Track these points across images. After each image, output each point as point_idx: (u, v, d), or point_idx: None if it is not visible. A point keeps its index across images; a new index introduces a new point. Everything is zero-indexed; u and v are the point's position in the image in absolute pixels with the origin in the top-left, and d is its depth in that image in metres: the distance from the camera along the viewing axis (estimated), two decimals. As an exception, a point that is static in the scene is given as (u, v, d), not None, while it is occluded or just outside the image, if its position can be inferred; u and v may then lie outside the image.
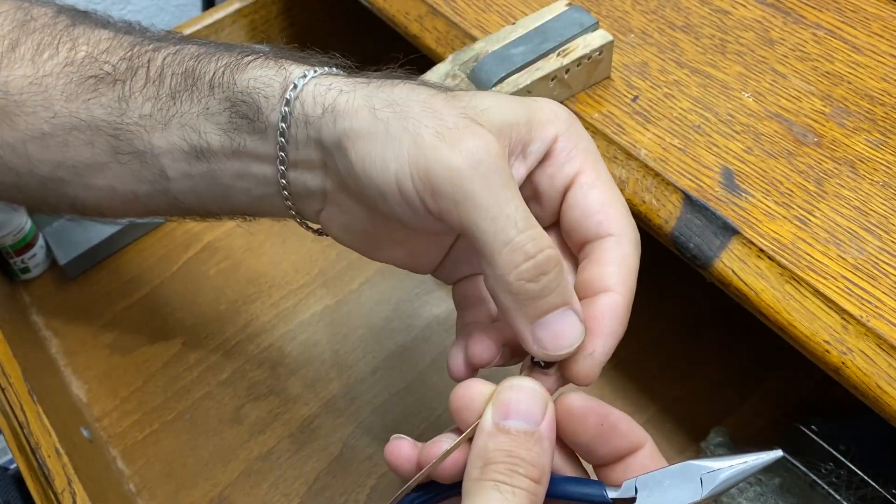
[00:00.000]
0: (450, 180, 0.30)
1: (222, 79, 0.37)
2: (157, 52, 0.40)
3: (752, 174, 0.42)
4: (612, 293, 0.32)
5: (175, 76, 0.39)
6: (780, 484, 0.48)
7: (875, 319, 0.36)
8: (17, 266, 0.65)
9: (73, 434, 0.53)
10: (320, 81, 0.35)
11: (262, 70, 0.37)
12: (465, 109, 0.32)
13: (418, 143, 0.31)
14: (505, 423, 0.30)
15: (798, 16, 0.50)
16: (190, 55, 0.39)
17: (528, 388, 0.31)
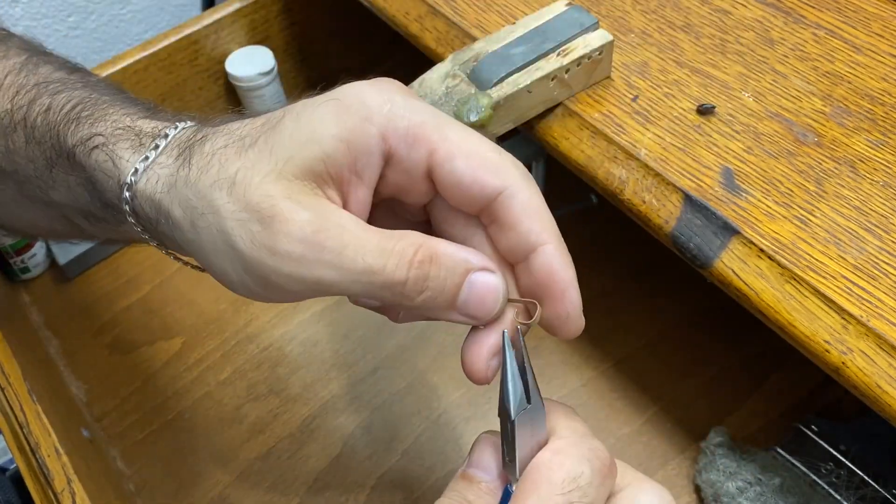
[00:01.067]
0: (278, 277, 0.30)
1: (77, 158, 0.37)
2: (32, 105, 0.40)
3: (752, 174, 0.42)
4: (542, 246, 0.31)
5: (44, 143, 0.39)
6: (780, 484, 0.48)
7: (875, 319, 0.36)
8: (17, 266, 0.65)
9: (73, 434, 0.53)
10: (149, 177, 0.34)
11: (103, 159, 0.36)
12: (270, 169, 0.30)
13: (238, 254, 0.30)
14: (468, 471, 0.31)
15: (798, 15, 0.50)
16: (56, 119, 0.39)
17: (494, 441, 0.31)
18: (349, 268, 0.29)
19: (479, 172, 0.30)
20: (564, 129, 0.46)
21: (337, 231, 0.29)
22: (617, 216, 0.48)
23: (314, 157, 0.30)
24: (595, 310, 0.63)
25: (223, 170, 0.31)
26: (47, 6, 1.00)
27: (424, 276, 0.30)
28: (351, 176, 0.31)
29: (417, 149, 0.31)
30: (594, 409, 0.57)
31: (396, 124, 0.30)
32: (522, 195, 0.30)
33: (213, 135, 0.33)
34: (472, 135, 0.31)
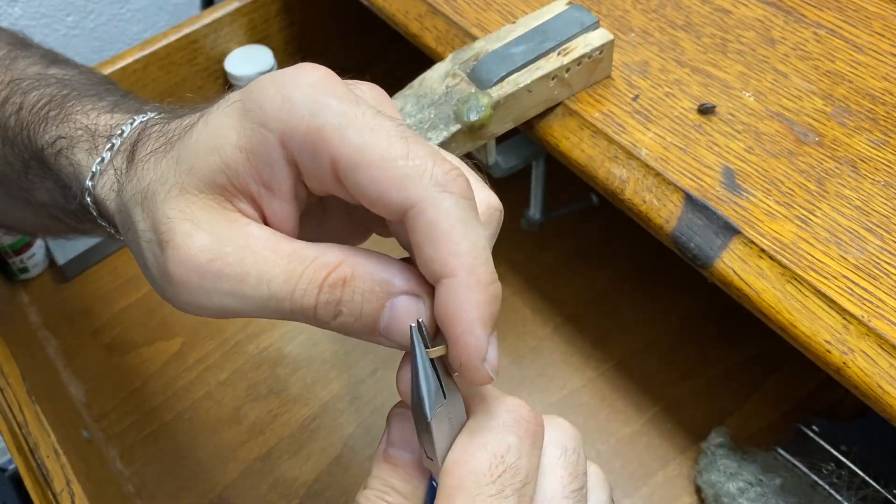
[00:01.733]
0: (179, 304, 0.29)
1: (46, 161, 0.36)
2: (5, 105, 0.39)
3: (753, 174, 0.42)
4: (445, 280, 0.25)
5: (17, 145, 0.38)
6: (781, 484, 0.48)
7: (876, 319, 0.36)
8: (16, 266, 0.65)
9: (72, 434, 0.52)
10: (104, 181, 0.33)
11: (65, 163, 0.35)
12: (174, 182, 0.28)
13: (149, 276, 0.29)
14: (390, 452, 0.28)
15: (799, 15, 0.50)
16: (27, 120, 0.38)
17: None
18: (252, 296, 0.27)
19: (383, 186, 0.25)
20: (565, 129, 0.46)
21: (238, 256, 0.27)
22: (617, 216, 0.48)
23: (215, 168, 0.27)
24: (595, 310, 0.63)
25: (141, 181, 0.29)
26: (46, 6, 1.00)
27: (336, 301, 0.26)
28: (259, 188, 0.27)
29: (319, 157, 0.26)
30: (595, 410, 0.57)
31: (294, 129, 0.26)
32: (428, 213, 0.25)
33: (154, 135, 0.31)
34: (380, 138, 0.25)
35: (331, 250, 0.27)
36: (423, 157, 0.25)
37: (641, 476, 0.53)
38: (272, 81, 0.27)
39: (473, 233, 0.25)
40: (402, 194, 0.25)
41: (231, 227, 0.27)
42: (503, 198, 0.31)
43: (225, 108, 0.28)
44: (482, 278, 0.25)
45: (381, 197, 0.25)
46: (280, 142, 0.26)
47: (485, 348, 0.25)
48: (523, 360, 0.60)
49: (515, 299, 0.63)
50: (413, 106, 0.45)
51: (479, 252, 0.25)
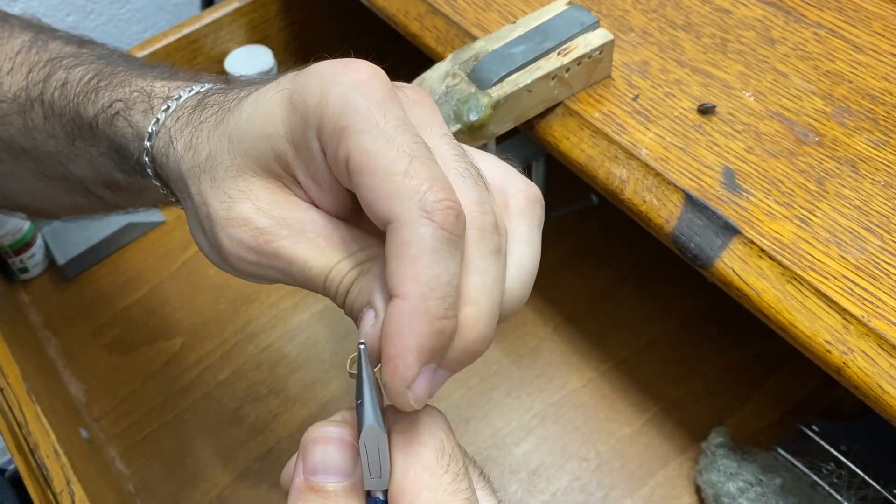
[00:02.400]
0: (236, 272, 0.31)
1: (99, 127, 0.37)
2: (48, 81, 0.40)
3: (753, 174, 0.42)
4: (395, 299, 0.25)
5: (65, 117, 0.39)
6: (781, 484, 0.48)
7: (876, 319, 0.36)
8: (16, 266, 0.65)
9: (72, 434, 0.52)
10: (162, 137, 0.34)
11: (122, 125, 0.36)
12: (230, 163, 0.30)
13: (205, 245, 0.31)
14: (313, 480, 0.27)
15: (799, 15, 0.50)
16: (74, 92, 0.39)
17: (334, 438, 0.27)
18: (296, 276, 0.29)
19: (374, 195, 0.26)
20: (565, 129, 0.46)
21: (293, 240, 0.29)
22: (617, 216, 0.48)
23: (269, 156, 0.29)
24: (595, 310, 0.63)
25: (197, 154, 0.31)
26: (46, 5, 1.00)
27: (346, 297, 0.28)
28: (307, 180, 0.29)
29: (338, 154, 0.27)
30: (595, 410, 0.57)
31: (325, 125, 0.27)
32: (403, 233, 0.25)
33: (210, 104, 0.32)
34: (390, 150, 0.26)
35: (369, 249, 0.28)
36: (420, 179, 0.26)
37: (641, 476, 0.53)
38: (318, 75, 0.28)
39: (440, 266, 0.25)
40: (387, 207, 0.26)
41: (292, 209, 0.29)
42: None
43: (275, 95, 0.29)
44: (432, 311, 0.25)
45: (371, 204, 0.26)
46: (317, 136, 0.28)
47: (411, 377, 0.25)
48: (523, 360, 0.60)
49: (515, 299, 0.63)
50: (413, 106, 0.45)
51: (439, 286, 0.25)
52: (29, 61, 0.41)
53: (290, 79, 0.29)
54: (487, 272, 0.27)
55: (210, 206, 0.30)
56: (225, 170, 0.30)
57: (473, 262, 0.27)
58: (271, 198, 0.29)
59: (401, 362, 0.25)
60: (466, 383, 0.58)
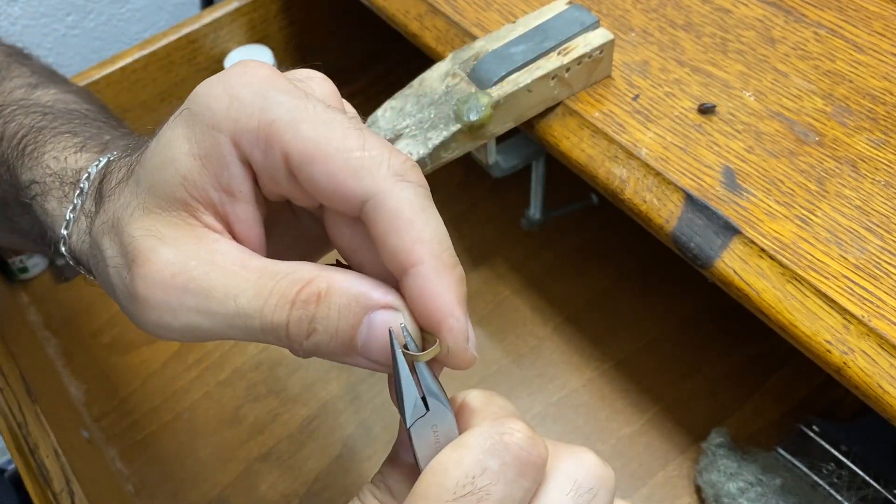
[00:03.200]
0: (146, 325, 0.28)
1: (24, 203, 0.36)
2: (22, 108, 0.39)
3: (753, 173, 0.42)
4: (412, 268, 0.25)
5: (2, 175, 0.38)
6: (781, 484, 0.48)
7: (877, 319, 0.36)
8: (16, 266, 0.65)
9: (72, 434, 0.52)
10: (78, 229, 0.32)
11: (41, 211, 0.34)
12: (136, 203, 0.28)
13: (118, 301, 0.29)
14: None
15: (799, 14, 0.50)
16: (7, 151, 0.37)
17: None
18: (219, 312, 0.26)
19: (339, 178, 0.25)
20: (565, 129, 0.46)
21: (203, 270, 0.26)
22: (617, 216, 0.48)
23: (173, 182, 0.26)
24: (595, 310, 0.63)
25: (106, 213, 0.29)
26: (46, 5, 1.00)
27: (310, 318, 0.25)
28: (220, 194, 0.27)
29: (272, 153, 0.25)
30: (595, 410, 0.57)
31: (245, 126, 0.25)
32: (390, 203, 0.25)
33: (116, 168, 0.31)
34: (334, 130, 0.25)
35: (303, 266, 0.26)
36: (379, 148, 0.25)
37: (641, 476, 0.53)
38: (218, 81, 0.26)
39: (435, 219, 0.25)
40: (359, 185, 0.25)
41: (198, 242, 0.27)
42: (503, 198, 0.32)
43: (174, 120, 0.27)
44: (448, 262, 0.25)
45: (337, 189, 0.25)
46: (232, 141, 0.26)
47: (466, 328, 0.25)
48: (523, 360, 0.60)
49: (515, 299, 0.63)
50: (413, 106, 0.45)
51: (442, 237, 0.25)
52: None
53: (188, 100, 0.27)
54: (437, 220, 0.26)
55: (119, 255, 0.28)
56: (130, 214, 0.28)
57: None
58: (176, 232, 0.27)
59: (453, 320, 0.25)
60: (466, 383, 0.58)
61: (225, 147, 0.26)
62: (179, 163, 0.26)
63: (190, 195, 0.27)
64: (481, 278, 0.64)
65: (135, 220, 0.27)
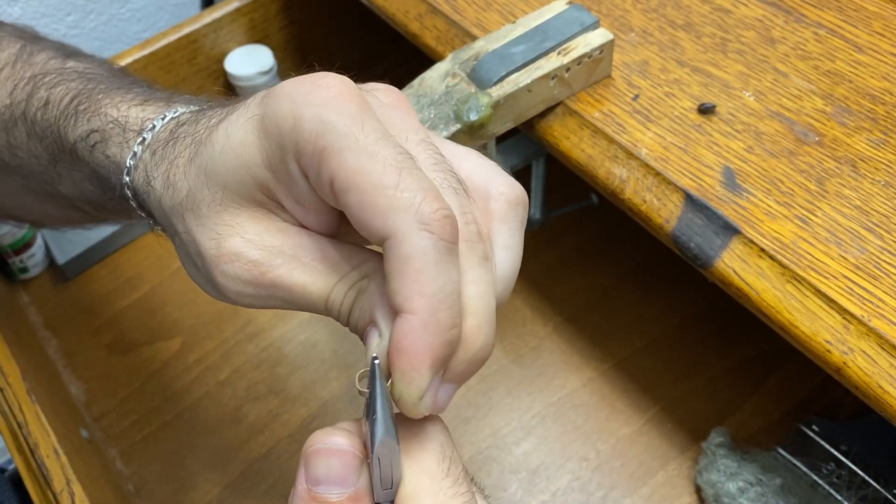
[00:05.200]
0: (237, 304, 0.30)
1: (79, 154, 0.37)
2: (31, 99, 0.39)
3: (753, 173, 0.42)
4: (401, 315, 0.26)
5: (46, 139, 0.38)
6: (781, 484, 0.48)
7: (876, 319, 0.36)
8: (16, 266, 0.65)
9: (72, 434, 0.52)
10: (139, 173, 0.33)
11: (100, 158, 0.36)
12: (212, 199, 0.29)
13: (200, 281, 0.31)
14: (317, 490, 0.27)
15: (799, 14, 0.50)
16: (55, 114, 0.38)
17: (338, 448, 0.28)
18: (296, 301, 0.29)
19: (366, 213, 0.26)
20: (565, 129, 0.46)
21: (289, 268, 0.29)
22: (617, 216, 0.48)
23: (250, 185, 0.28)
24: (595, 310, 0.63)
25: (177, 192, 0.30)
26: (46, 5, 1.00)
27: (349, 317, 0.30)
28: (293, 204, 0.29)
29: (321, 175, 0.27)
30: (595, 410, 0.57)
31: (303, 148, 0.27)
32: (404, 248, 0.25)
33: (182, 136, 0.32)
34: (375, 165, 0.26)
35: (365, 265, 0.29)
36: (413, 190, 0.25)
37: (641, 476, 0.53)
38: (287, 97, 0.27)
39: (445, 276, 0.25)
40: (383, 223, 0.25)
41: (282, 236, 0.29)
42: (503, 197, 0.31)
43: (245, 121, 0.28)
44: (442, 323, 0.25)
45: (365, 222, 0.26)
46: (296, 160, 0.27)
47: (425, 387, 0.26)
48: (523, 360, 0.60)
49: (515, 299, 0.63)
50: (413, 106, 0.45)
51: (446, 297, 0.25)
52: (14, 77, 0.40)
53: (259, 102, 0.28)
54: (481, 281, 0.27)
55: (199, 244, 0.29)
56: (208, 206, 0.29)
57: (466, 272, 0.27)
58: (259, 227, 0.29)
59: (416, 375, 0.26)
60: (466, 383, 0.58)
61: (292, 165, 0.27)
62: (254, 171, 0.28)
63: (268, 199, 0.29)
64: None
65: (214, 215, 0.29)
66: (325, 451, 0.27)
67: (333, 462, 0.27)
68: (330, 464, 0.27)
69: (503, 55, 0.45)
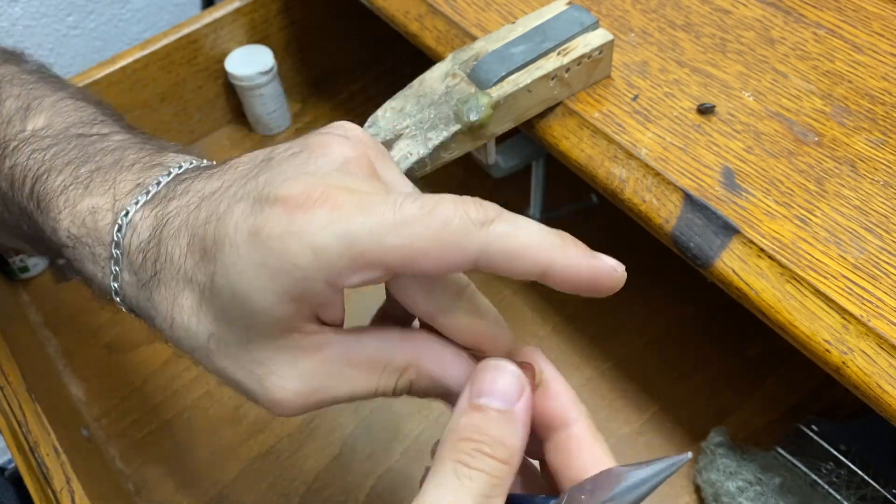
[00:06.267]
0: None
1: (62, 254, 0.35)
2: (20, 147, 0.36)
3: (752, 173, 0.42)
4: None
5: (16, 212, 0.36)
6: (780, 484, 0.48)
7: (876, 319, 0.36)
8: (16, 265, 0.65)
9: (72, 433, 0.52)
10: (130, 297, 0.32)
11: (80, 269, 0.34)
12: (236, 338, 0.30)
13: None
14: (479, 401, 0.29)
15: (798, 15, 0.50)
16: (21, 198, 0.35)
17: (507, 368, 0.30)
18: (345, 401, 0.31)
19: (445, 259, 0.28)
20: (564, 129, 0.46)
21: (326, 385, 0.30)
22: (617, 216, 0.48)
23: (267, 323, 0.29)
24: (595, 309, 0.63)
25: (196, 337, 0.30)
26: (46, 5, 1.00)
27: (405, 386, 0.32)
28: (312, 312, 0.29)
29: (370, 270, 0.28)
30: (594, 409, 0.57)
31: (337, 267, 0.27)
32: (497, 245, 0.28)
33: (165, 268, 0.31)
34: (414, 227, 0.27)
35: (398, 351, 0.31)
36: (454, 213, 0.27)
37: (641, 475, 0.53)
38: (291, 236, 0.27)
39: (529, 226, 0.29)
40: (466, 253, 0.27)
41: (311, 359, 0.30)
42: (503, 198, 0.32)
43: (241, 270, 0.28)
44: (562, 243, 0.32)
45: (447, 266, 0.28)
46: (327, 282, 0.27)
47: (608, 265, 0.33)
48: (523, 360, 0.60)
49: (515, 299, 0.63)
50: (413, 106, 0.45)
51: (543, 233, 0.30)
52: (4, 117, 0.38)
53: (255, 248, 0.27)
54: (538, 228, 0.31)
55: (241, 384, 0.30)
56: (237, 347, 0.30)
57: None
58: (289, 358, 0.30)
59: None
60: (466, 383, 0.58)
61: (321, 288, 0.28)
62: (272, 311, 0.28)
63: (289, 325, 0.29)
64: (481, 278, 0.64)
65: (244, 355, 0.30)
66: (493, 367, 0.30)
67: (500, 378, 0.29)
68: (496, 378, 0.29)
69: (503, 55, 0.45)
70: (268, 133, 0.75)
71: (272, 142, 0.75)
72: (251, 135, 0.76)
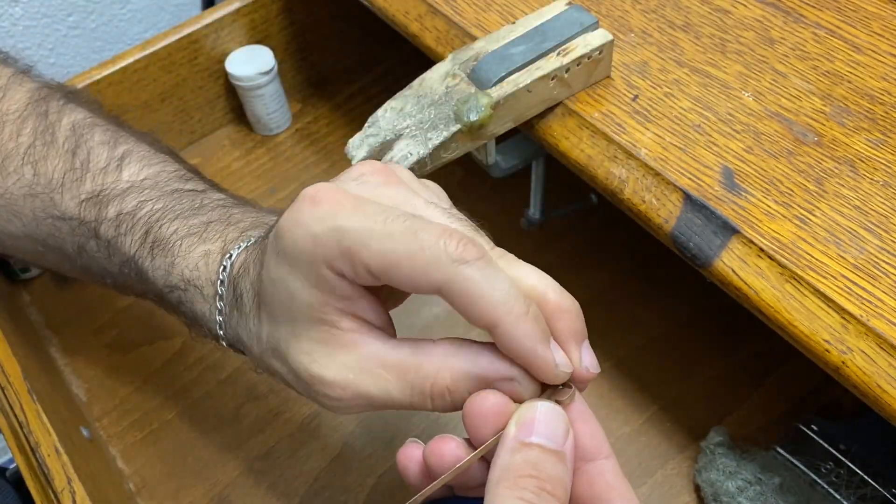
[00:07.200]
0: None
1: (166, 298, 0.42)
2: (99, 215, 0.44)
3: (752, 173, 0.42)
4: (495, 329, 0.31)
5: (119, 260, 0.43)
6: (779, 483, 0.48)
7: (875, 319, 0.36)
8: (18, 265, 0.65)
9: (73, 433, 0.53)
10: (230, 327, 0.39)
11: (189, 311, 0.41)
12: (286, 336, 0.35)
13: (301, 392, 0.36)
14: (530, 439, 0.30)
15: (798, 15, 0.50)
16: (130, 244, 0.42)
17: (553, 409, 0.32)
18: (381, 405, 0.34)
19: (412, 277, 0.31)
20: (564, 129, 0.46)
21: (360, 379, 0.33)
22: (617, 216, 0.48)
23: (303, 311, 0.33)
24: (595, 309, 0.63)
25: (260, 342, 0.36)
26: (47, 6, 1.00)
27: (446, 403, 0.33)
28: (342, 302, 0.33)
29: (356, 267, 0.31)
30: (594, 409, 0.56)
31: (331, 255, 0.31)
32: (456, 287, 0.30)
33: (247, 289, 0.37)
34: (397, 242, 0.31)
35: (428, 359, 0.33)
36: (434, 241, 0.30)
37: (640, 475, 0.53)
38: (296, 224, 0.32)
39: (498, 282, 0.30)
40: (430, 280, 0.30)
41: (347, 352, 0.33)
42: (503, 198, 0.32)
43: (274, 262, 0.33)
44: (519, 313, 0.30)
45: (415, 286, 0.31)
46: (329, 267, 0.32)
47: (551, 357, 0.31)
48: (523, 360, 0.60)
49: (515, 299, 0.63)
50: (413, 106, 0.45)
51: (508, 295, 0.30)
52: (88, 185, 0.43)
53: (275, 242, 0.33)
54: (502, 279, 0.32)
55: (297, 374, 0.34)
56: (287, 342, 0.34)
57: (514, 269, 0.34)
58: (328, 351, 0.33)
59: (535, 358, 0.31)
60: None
61: (327, 274, 0.32)
62: (300, 297, 0.33)
63: (322, 315, 0.33)
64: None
65: (292, 349, 0.34)
66: (543, 407, 0.31)
67: (547, 417, 0.31)
68: (548, 418, 0.31)
69: (503, 56, 0.45)
70: (268, 133, 0.75)
71: (272, 142, 0.75)
72: (251, 135, 0.76)
